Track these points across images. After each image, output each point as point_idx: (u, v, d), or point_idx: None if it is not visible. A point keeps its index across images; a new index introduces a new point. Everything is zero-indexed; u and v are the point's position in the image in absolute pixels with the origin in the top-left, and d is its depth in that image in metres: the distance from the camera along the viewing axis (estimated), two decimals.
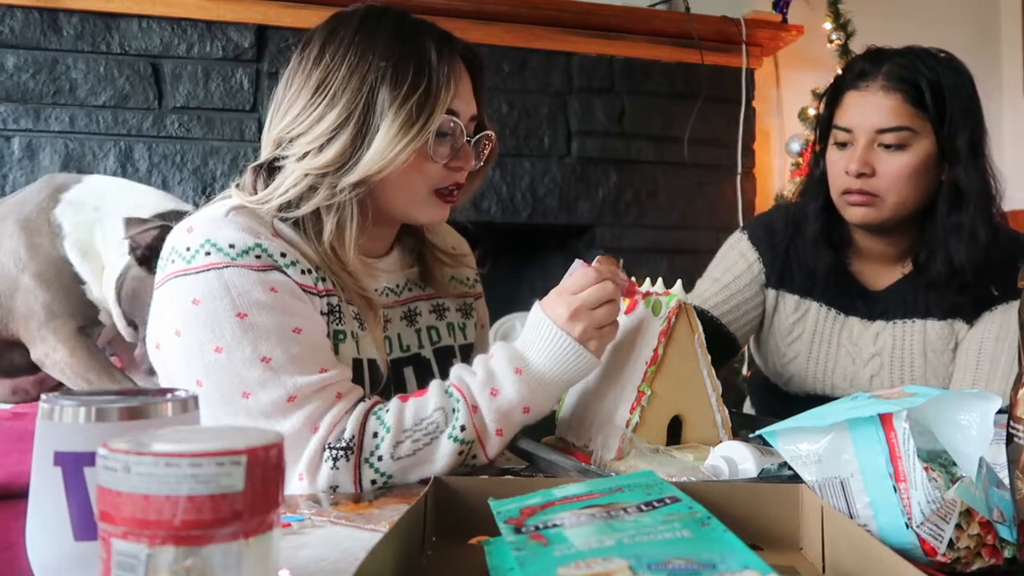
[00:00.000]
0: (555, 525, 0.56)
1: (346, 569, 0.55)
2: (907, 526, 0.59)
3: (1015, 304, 1.13)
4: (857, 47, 2.87)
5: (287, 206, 0.99)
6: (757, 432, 0.72)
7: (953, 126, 1.26)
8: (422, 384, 0.99)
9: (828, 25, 2.91)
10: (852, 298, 1.40)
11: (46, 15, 2.05)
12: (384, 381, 1.04)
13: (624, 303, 1.01)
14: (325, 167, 0.97)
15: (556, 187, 2.47)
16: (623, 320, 0.99)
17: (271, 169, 1.02)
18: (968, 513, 0.59)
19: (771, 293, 1.47)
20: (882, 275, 1.40)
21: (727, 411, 1.00)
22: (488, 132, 1.09)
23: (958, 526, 0.59)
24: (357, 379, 1.00)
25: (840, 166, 1.30)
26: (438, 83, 0.98)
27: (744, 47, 2.61)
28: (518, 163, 2.43)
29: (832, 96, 1.34)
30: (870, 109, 1.27)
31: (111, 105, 2.10)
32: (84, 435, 0.53)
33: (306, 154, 0.98)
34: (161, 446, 0.42)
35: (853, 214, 1.31)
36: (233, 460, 0.42)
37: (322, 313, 0.99)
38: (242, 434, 0.46)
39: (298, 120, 0.99)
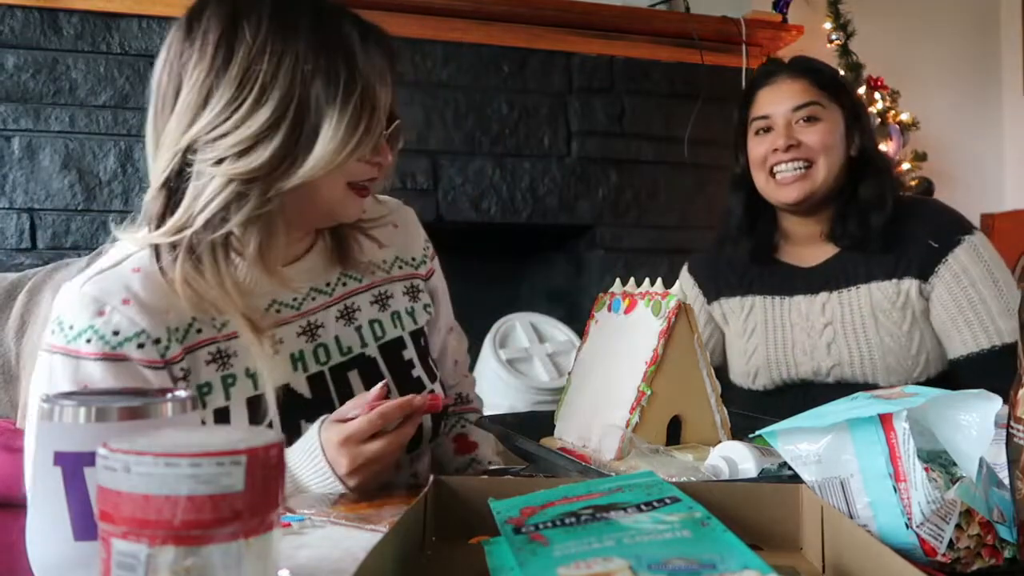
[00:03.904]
0: (555, 525, 0.56)
1: (346, 569, 0.55)
2: (907, 526, 0.59)
3: (957, 253, 1.36)
4: (857, 47, 2.87)
5: (209, 224, 0.88)
6: (757, 432, 0.72)
7: (852, 103, 1.47)
8: (369, 387, 0.94)
9: (828, 25, 2.92)
10: (790, 280, 1.50)
11: (46, 15, 2.05)
12: (301, 402, 0.98)
13: (624, 303, 1.02)
14: (254, 172, 0.88)
15: (556, 187, 2.47)
16: (623, 320, 1.00)
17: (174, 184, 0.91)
18: (968, 513, 0.59)
19: (715, 307, 1.60)
20: (809, 255, 1.50)
21: (727, 411, 1.00)
22: (398, 120, 1.01)
23: (958, 526, 0.58)
24: (256, 418, 0.94)
25: (763, 149, 1.45)
26: (372, 80, 0.92)
27: (744, 47, 2.61)
28: (518, 163, 2.43)
29: (745, 99, 1.51)
30: (782, 95, 1.45)
31: (111, 105, 2.10)
32: (84, 435, 0.53)
33: (223, 159, 0.87)
34: (161, 446, 0.42)
35: (788, 193, 1.42)
36: (233, 460, 0.42)
37: (176, 379, 0.91)
38: (242, 434, 0.46)
39: (219, 119, 0.87)
